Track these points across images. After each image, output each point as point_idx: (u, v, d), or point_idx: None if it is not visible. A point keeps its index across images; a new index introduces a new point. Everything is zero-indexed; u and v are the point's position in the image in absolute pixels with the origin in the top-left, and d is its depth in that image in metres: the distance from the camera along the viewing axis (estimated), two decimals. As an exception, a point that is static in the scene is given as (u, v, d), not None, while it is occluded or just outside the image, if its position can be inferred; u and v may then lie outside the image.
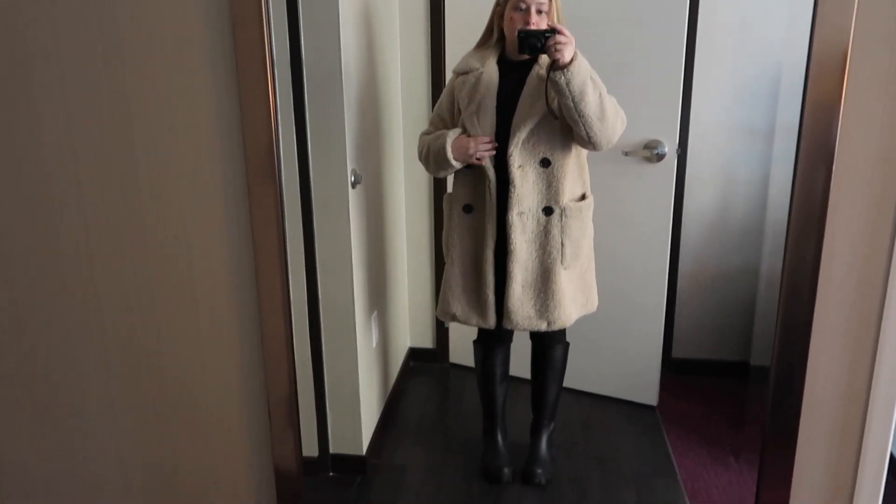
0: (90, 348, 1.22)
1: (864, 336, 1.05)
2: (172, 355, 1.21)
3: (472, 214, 2.09)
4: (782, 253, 1.07)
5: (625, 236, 2.69)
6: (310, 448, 2.34)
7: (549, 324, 2.09)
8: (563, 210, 2.03)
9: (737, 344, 3.09)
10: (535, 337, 2.31)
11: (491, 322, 2.11)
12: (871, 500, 1.08)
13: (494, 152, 2.01)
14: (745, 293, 3.02)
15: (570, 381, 2.88)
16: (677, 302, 3.07)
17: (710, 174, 2.92)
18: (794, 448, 1.06)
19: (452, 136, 2.03)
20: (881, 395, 1.05)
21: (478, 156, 2.00)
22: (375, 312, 2.51)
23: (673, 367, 3.09)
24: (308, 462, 2.35)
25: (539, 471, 2.30)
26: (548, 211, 2.03)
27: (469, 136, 2.03)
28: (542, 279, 2.06)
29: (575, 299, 2.15)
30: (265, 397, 1.19)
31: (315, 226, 2.10)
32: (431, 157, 2.08)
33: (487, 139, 2.01)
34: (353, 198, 2.17)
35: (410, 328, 3.21)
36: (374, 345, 2.50)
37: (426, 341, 3.23)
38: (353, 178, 2.13)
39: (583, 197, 2.12)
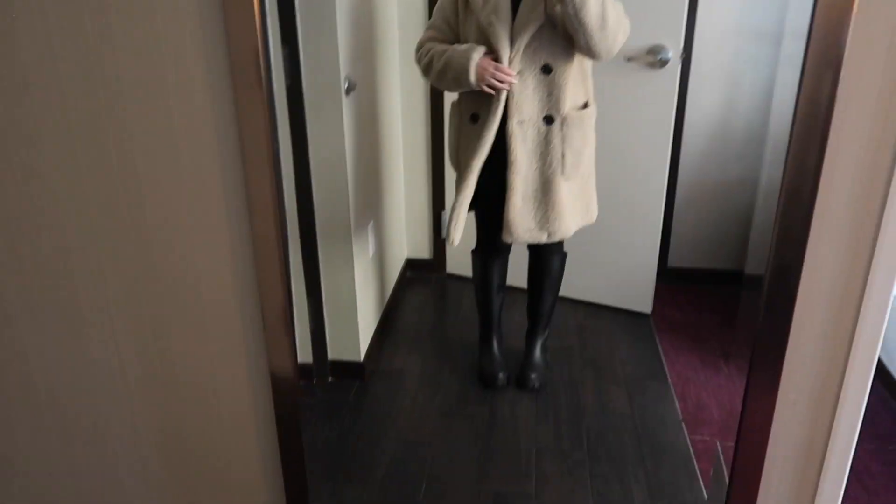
0: (82, 252, 1.22)
1: (861, 239, 1.05)
2: (164, 260, 1.21)
3: (478, 124, 2.03)
4: (783, 161, 1.06)
5: (625, 145, 2.65)
6: (309, 355, 2.39)
7: (549, 235, 2.08)
8: (564, 119, 1.98)
9: (732, 253, 3.10)
10: (533, 247, 2.32)
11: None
12: (857, 398, 1.10)
13: (509, 86, 1.91)
14: (743, 203, 3.01)
15: (566, 291, 2.91)
16: (675, 211, 3.06)
17: (713, 81, 2.85)
18: (784, 348, 1.08)
19: (477, 57, 1.89)
20: (874, 299, 1.06)
21: (494, 86, 1.90)
22: (372, 222, 2.50)
23: (668, 277, 3.12)
24: (307, 368, 2.41)
25: (533, 375, 2.36)
26: (548, 120, 1.98)
27: (492, 58, 1.91)
28: (543, 190, 2.04)
29: (575, 210, 2.13)
30: (259, 305, 1.20)
31: (308, 134, 2.07)
32: (450, 73, 1.94)
33: (511, 72, 1.89)
34: (347, 105, 2.12)
35: (407, 239, 3.22)
36: (371, 255, 2.51)
37: (423, 252, 3.24)
38: (346, 85, 2.08)
39: (585, 105, 2.07)
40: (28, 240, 1.22)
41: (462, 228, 2.05)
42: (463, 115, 2.08)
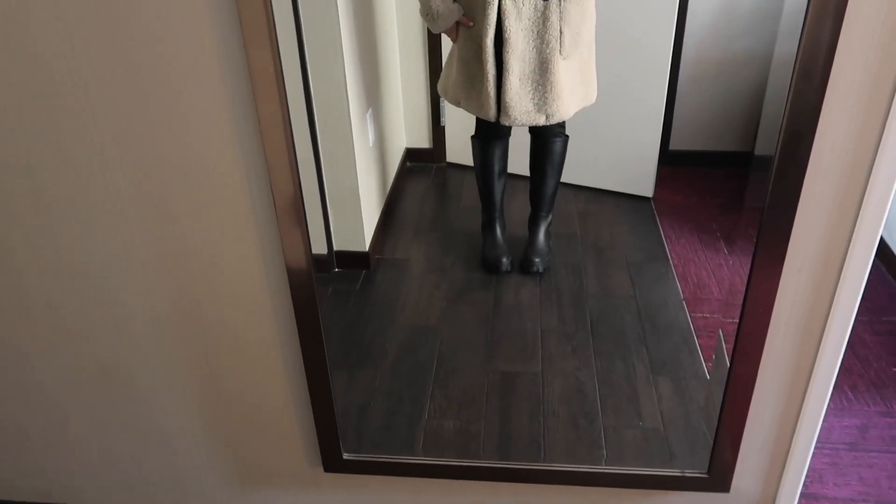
0: (90, 133, 1.19)
1: (874, 110, 1.03)
2: (172, 153, 1.19)
3: None
4: (799, 31, 1.02)
5: (626, 20, 2.55)
6: (314, 246, 2.40)
7: (547, 117, 2.05)
8: None
9: (736, 134, 3.06)
10: (534, 131, 2.28)
11: (491, 115, 2.06)
12: (861, 267, 1.12)
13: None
14: (749, 80, 2.93)
15: (567, 177, 2.89)
16: (678, 92, 2.99)
17: (721, -50, 2.71)
18: (793, 216, 1.08)
19: (450, 21, 1.99)
20: (883, 168, 1.05)
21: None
22: (371, 110, 2.45)
23: (669, 159, 3.09)
24: (314, 259, 2.42)
25: (536, 259, 2.39)
26: None
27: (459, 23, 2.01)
28: (540, 70, 1.99)
29: (574, 91, 2.09)
30: (270, 196, 1.19)
31: (300, 13, 1.98)
32: (423, 7, 2.04)
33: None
34: (340, -16, 2.02)
35: (406, 128, 3.16)
36: (371, 143, 2.47)
37: (422, 141, 3.19)
38: (338, -38, 1.97)
39: None
40: (31, 118, 1.19)
41: (494, 104, 2.04)
42: None
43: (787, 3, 1.16)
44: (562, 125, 2.24)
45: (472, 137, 2.33)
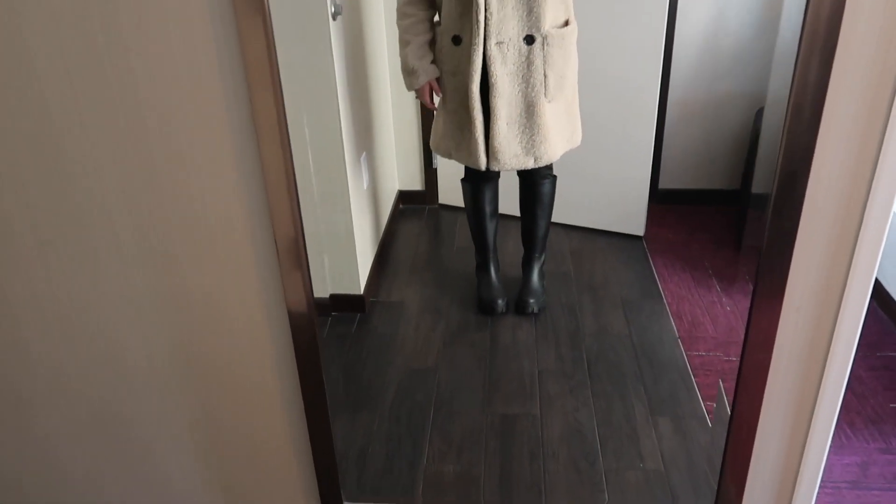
0: (90, 184, 1.19)
1: (867, 148, 1.05)
2: (174, 198, 1.19)
3: (460, 46, 1.99)
4: (791, 73, 1.05)
5: (615, 63, 2.61)
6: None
7: (535, 160, 2.07)
8: (545, 38, 1.93)
9: (723, 172, 3.11)
10: (523, 173, 2.31)
11: (481, 163, 2.08)
12: (858, 303, 1.13)
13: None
14: (734, 120, 3.00)
15: (559, 217, 2.93)
16: (665, 132, 3.05)
17: (704, -5, 2.79)
18: (790, 255, 1.10)
19: (421, 79, 2.06)
20: (877, 207, 1.08)
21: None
22: (364, 153, 2.47)
23: (659, 198, 3.14)
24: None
25: (531, 301, 2.39)
26: (529, 40, 1.93)
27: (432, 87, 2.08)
28: (527, 114, 2.01)
29: (561, 133, 2.11)
30: (272, 239, 1.19)
31: (296, 60, 2.01)
32: (402, 64, 2.08)
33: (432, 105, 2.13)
34: (335, 30, 2.06)
35: (399, 171, 3.19)
36: (366, 186, 2.49)
37: (415, 183, 3.22)
38: (332, 9, 2.01)
39: (566, 23, 2.02)
40: (34, 170, 1.19)
41: (484, 151, 2.06)
42: (444, 37, 2.03)
43: (779, 45, 1.19)
44: (549, 166, 2.28)
45: (462, 181, 2.35)
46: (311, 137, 2.14)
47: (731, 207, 3.06)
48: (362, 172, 2.43)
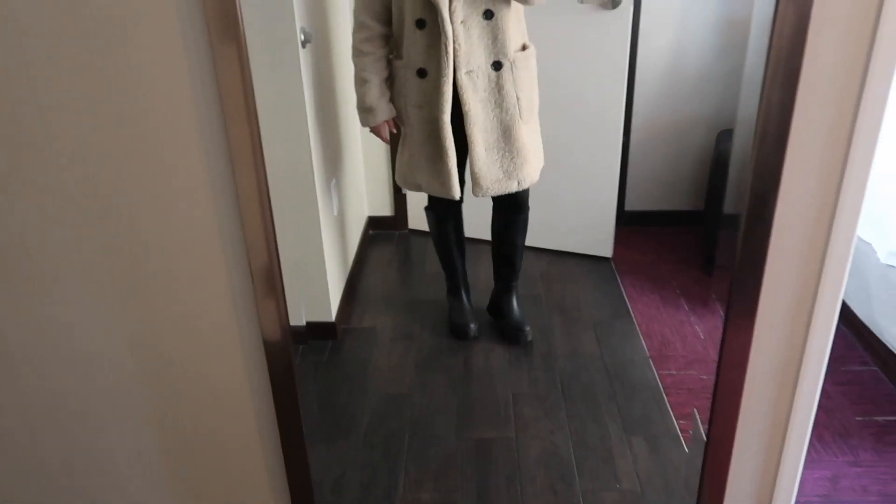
0: (56, 223, 1.17)
1: (831, 174, 1.09)
2: (148, 221, 1.17)
3: (426, 79, 1.98)
4: (758, 98, 1.08)
5: (580, 88, 2.66)
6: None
7: (518, 183, 2.08)
8: (512, 63, 1.96)
9: (686, 193, 3.18)
10: (501, 207, 2.28)
11: (455, 193, 2.07)
12: (829, 317, 1.16)
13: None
14: (697, 143, 3.07)
15: (528, 239, 2.94)
16: (630, 155, 3.11)
17: (665, 19, 2.87)
18: (761, 273, 1.12)
19: (379, 118, 2.06)
20: (843, 228, 1.11)
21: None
22: (334, 180, 2.47)
23: (625, 220, 3.19)
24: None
25: (527, 328, 2.37)
26: (497, 66, 1.96)
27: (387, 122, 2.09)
28: (504, 138, 2.03)
29: (537, 154, 2.14)
30: (248, 266, 1.18)
31: (266, 88, 2.01)
32: (358, 99, 2.07)
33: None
34: (304, 58, 2.06)
35: (368, 196, 3.19)
36: (336, 212, 2.48)
37: (384, 209, 3.22)
38: (302, 37, 2.02)
39: (524, 47, 2.05)
40: (-8, 212, 1.16)
41: (457, 180, 2.06)
42: (407, 71, 2.01)
43: (747, 69, 1.23)
44: (526, 202, 2.25)
45: (426, 209, 2.35)
46: (282, 164, 2.13)
47: (696, 228, 3.12)
48: (332, 199, 2.43)
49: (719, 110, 3.01)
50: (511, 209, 2.27)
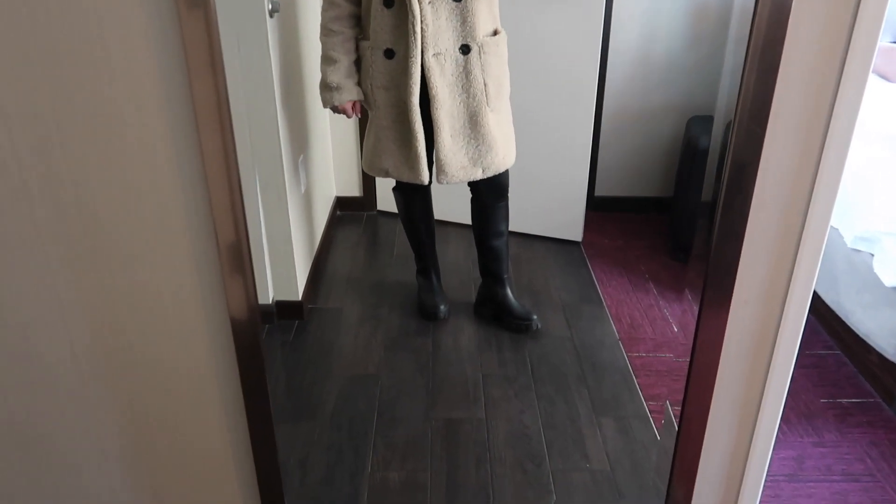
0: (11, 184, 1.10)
1: (810, 147, 1.08)
2: (107, 191, 1.11)
3: (394, 60, 1.92)
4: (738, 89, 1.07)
5: (552, 74, 2.64)
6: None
7: (483, 170, 2.02)
8: (480, 47, 1.91)
9: (656, 180, 3.19)
10: (478, 194, 2.21)
11: (423, 178, 2.01)
12: (803, 294, 1.16)
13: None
14: (666, 130, 3.08)
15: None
16: (601, 141, 3.10)
17: (637, 5, 2.86)
18: (739, 248, 1.11)
19: (345, 97, 1.97)
20: (820, 201, 1.10)
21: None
22: (302, 156, 2.41)
23: (595, 205, 3.18)
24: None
25: (534, 317, 2.31)
26: (465, 49, 1.90)
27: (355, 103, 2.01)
28: (471, 124, 1.97)
29: (506, 143, 2.06)
30: (215, 241, 1.12)
31: (232, 57, 1.94)
32: (322, 75, 1.97)
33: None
34: (272, 27, 2.00)
35: (336, 176, 3.13)
36: (304, 190, 2.42)
37: (353, 189, 3.17)
38: (270, 6, 1.95)
39: (495, 32, 1.99)
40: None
41: (425, 165, 2.00)
42: (374, 52, 1.94)
43: (727, 56, 1.22)
44: (505, 192, 2.18)
45: (394, 190, 2.30)
46: (249, 137, 2.06)
47: (664, 215, 3.14)
48: (300, 175, 2.37)
49: (688, 99, 3.02)
50: (490, 195, 2.19)
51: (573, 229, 2.91)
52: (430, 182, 2.09)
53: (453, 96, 1.94)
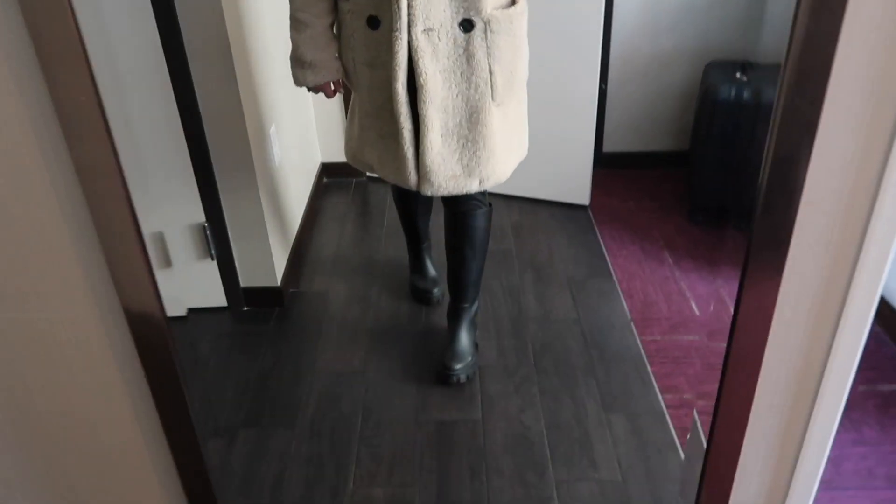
0: None
1: (880, 120, 0.83)
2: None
3: (379, 31, 1.49)
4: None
5: (553, 18, 2.35)
6: (218, 284, 2.10)
7: (481, 181, 1.60)
8: (487, 23, 1.46)
9: (669, 132, 2.91)
10: (448, 200, 1.75)
11: (412, 182, 1.60)
12: (862, 316, 0.92)
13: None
14: (680, 77, 2.79)
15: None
16: (608, 91, 2.82)
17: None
18: (784, 255, 0.88)
19: (321, 76, 1.61)
20: (890, 195, 0.86)
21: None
22: (274, 126, 2.15)
23: (603, 162, 2.92)
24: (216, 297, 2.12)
25: (457, 367, 1.84)
26: (466, 25, 1.46)
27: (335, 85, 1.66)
28: (469, 123, 1.55)
29: (510, 145, 1.66)
30: (94, 228, 0.89)
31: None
32: (292, 43, 1.59)
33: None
34: (224, -18, 1.73)
35: (321, 141, 2.87)
36: (277, 162, 2.17)
37: (340, 154, 2.90)
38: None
39: (513, 2, 1.55)
40: None
41: (414, 167, 1.59)
42: (355, 19, 1.52)
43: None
44: (483, 192, 1.74)
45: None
46: (204, 107, 1.82)
47: (680, 171, 2.87)
48: (272, 148, 2.12)
49: (704, 42, 2.71)
50: (460, 211, 1.76)
51: (580, 192, 2.66)
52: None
53: (448, 86, 1.51)
